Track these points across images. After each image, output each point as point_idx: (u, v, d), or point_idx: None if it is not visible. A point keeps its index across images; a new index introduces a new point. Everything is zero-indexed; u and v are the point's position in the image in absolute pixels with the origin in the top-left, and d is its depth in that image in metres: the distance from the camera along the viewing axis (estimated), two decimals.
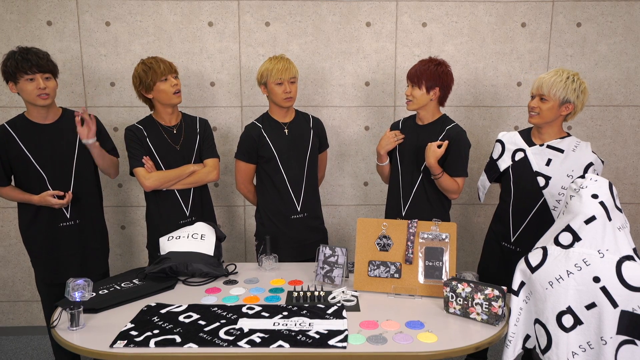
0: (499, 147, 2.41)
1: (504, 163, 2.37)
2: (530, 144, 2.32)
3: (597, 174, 2.20)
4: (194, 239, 2.31)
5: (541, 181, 2.25)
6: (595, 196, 1.73)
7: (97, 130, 2.47)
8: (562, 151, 2.24)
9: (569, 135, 2.30)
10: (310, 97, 3.12)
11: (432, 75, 2.33)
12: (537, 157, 2.28)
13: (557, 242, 1.78)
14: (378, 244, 2.15)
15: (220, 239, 2.41)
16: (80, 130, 2.34)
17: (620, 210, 1.77)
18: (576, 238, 1.74)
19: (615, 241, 1.70)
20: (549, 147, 2.27)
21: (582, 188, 1.75)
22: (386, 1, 3.01)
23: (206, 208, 2.61)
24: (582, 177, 1.79)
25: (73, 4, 2.96)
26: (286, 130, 2.54)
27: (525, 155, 2.30)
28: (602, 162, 2.28)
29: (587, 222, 1.72)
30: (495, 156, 2.42)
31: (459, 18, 3.04)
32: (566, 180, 2.21)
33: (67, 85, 3.04)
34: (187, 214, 2.51)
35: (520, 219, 2.33)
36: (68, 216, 2.42)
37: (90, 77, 3.05)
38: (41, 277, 2.48)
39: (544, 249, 1.81)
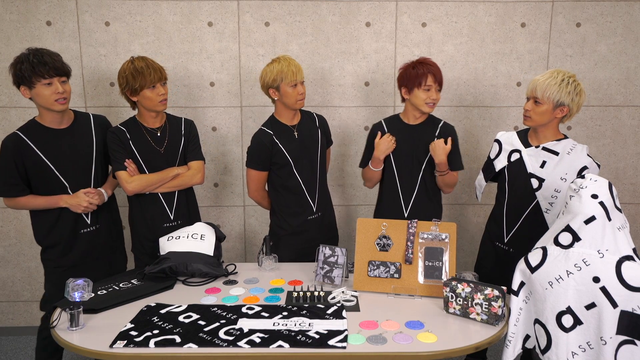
0: (496, 146, 2.42)
1: (500, 163, 2.37)
2: (527, 145, 2.31)
3: None
4: (194, 239, 2.31)
5: (535, 183, 2.24)
6: (595, 196, 1.73)
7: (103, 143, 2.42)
8: (557, 154, 2.23)
9: (566, 137, 2.28)
10: (310, 97, 3.12)
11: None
12: (532, 159, 2.27)
13: (556, 242, 1.78)
14: (378, 244, 2.15)
15: (220, 239, 2.41)
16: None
17: (620, 210, 1.77)
18: (576, 238, 1.74)
19: (615, 241, 1.71)
20: (544, 149, 2.26)
21: (581, 188, 1.75)
22: (386, 1, 3.01)
23: (192, 211, 2.56)
24: (582, 177, 1.79)
25: (73, 4, 2.96)
26: (296, 134, 2.52)
27: (521, 157, 2.30)
28: (598, 165, 2.25)
29: (587, 222, 1.72)
30: (492, 156, 2.43)
31: (459, 18, 3.04)
32: (559, 183, 2.20)
33: None
34: (172, 218, 2.46)
35: (514, 219, 2.33)
36: (89, 222, 2.36)
37: (90, 77, 3.05)
38: (61, 288, 2.36)
39: (544, 249, 1.81)
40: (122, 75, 2.32)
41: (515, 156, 2.32)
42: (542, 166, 2.24)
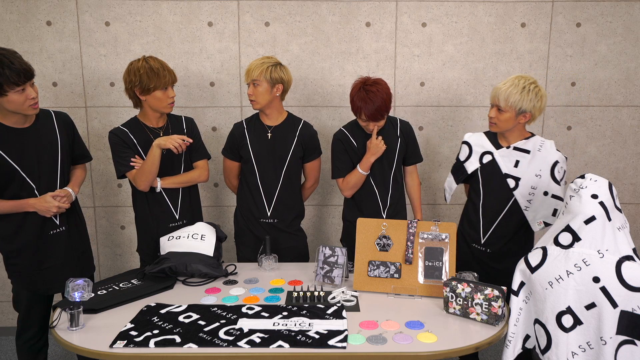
0: (465, 149, 2.43)
1: (472, 165, 2.39)
2: (498, 146, 2.34)
3: (564, 170, 2.26)
4: (194, 239, 2.31)
5: (511, 183, 2.28)
6: (595, 196, 1.73)
7: (72, 135, 2.33)
8: (528, 152, 2.27)
9: (533, 135, 2.33)
10: (310, 97, 3.12)
11: (387, 108, 2.40)
12: (505, 160, 2.30)
13: (556, 242, 1.78)
14: (378, 244, 2.15)
15: (220, 239, 2.41)
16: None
17: (620, 210, 1.77)
18: (576, 238, 1.74)
19: (615, 241, 1.71)
20: (515, 148, 2.29)
21: (581, 188, 1.75)
22: (386, 1, 3.01)
23: (195, 210, 2.57)
24: (582, 177, 1.79)
25: (73, 4, 2.96)
26: (269, 134, 2.54)
27: (493, 158, 2.33)
28: (566, 158, 2.32)
29: (587, 222, 1.72)
30: (462, 158, 2.44)
31: (459, 18, 3.04)
32: (535, 180, 2.25)
33: (66, 86, 3.04)
34: (177, 217, 2.47)
35: (490, 220, 2.35)
36: (58, 222, 2.25)
37: (90, 77, 3.05)
38: (30, 290, 2.27)
39: (544, 249, 1.81)
40: (136, 73, 2.28)
41: (487, 158, 2.34)
42: (515, 165, 2.28)
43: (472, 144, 2.40)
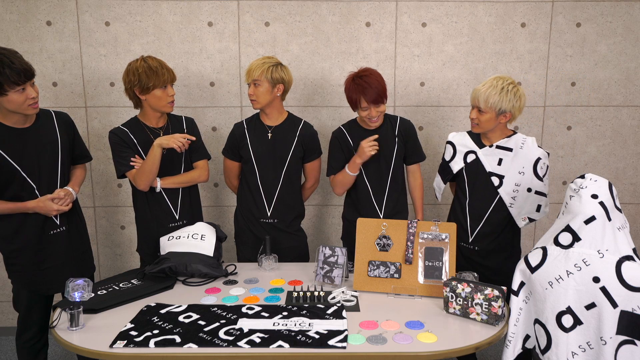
0: (450, 148, 2.45)
1: (457, 165, 2.41)
2: (481, 145, 2.37)
3: (547, 167, 2.29)
4: (194, 239, 2.31)
5: (495, 181, 2.31)
6: (595, 196, 1.73)
7: (72, 135, 2.33)
8: (510, 150, 2.31)
9: (515, 133, 2.35)
10: (310, 97, 3.12)
11: (385, 92, 2.40)
12: (488, 158, 2.33)
13: (556, 242, 1.79)
14: (378, 244, 2.15)
15: (220, 239, 2.42)
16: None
17: (620, 210, 1.77)
18: (576, 238, 1.74)
19: (615, 241, 1.71)
20: (498, 147, 2.32)
21: (581, 188, 1.76)
22: (386, 1, 3.01)
23: (195, 211, 2.57)
24: (582, 177, 1.79)
25: (73, 4, 2.96)
26: (269, 134, 2.54)
27: (477, 157, 2.35)
28: (548, 154, 2.35)
29: (587, 222, 1.72)
30: (447, 158, 2.46)
31: (459, 18, 3.04)
32: (518, 177, 2.28)
33: (66, 86, 3.04)
34: (177, 218, 2.47)
35: (477, 219, 2.37)
36: (58, 222, 2.25)
37: (90, 77, 3.05)
38: (30, 290, 2.28)
39: (544, 249, 1.81)
40: (135, 73, 2.29)
41: (471, 157, 2.37)
42: (499, 164, 2.31)
43: (455, 143, 2.43)
